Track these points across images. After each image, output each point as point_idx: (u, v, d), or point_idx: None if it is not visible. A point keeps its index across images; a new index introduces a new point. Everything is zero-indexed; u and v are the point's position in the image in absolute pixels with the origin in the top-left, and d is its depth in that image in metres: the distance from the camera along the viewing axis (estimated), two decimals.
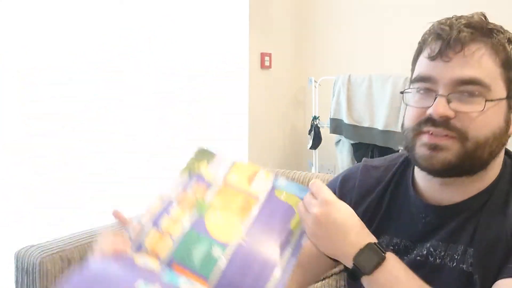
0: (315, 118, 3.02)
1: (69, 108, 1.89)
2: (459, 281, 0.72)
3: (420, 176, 0.80)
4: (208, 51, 2.59)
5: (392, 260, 0.67)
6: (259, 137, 2.99)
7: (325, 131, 3.03)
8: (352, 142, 2.87)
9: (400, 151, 2.50)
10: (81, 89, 1.93)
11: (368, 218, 0.82)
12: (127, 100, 2.14)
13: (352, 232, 0.67)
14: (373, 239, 0.68)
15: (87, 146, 1.97)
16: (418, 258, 0.76)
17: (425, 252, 0.76)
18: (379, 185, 0.85)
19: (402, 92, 0.78)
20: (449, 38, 0.70)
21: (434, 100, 0.69)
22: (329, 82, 2.98)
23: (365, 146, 2.79)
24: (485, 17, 0.74)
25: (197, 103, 2.55)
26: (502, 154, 0.76)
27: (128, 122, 2.15)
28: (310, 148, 3.04)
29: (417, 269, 0.70)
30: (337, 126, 2.90)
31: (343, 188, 0.89)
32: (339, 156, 3.00)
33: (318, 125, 3.00)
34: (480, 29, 0.71)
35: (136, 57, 2.16)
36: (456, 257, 0.73)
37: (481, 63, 0.69)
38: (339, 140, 2.98)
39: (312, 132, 3.01)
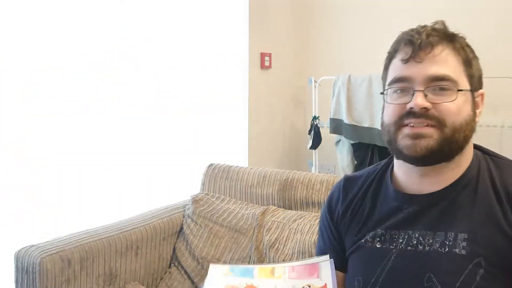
0: (315, 118, 3.02)
1: (69, 108, 1.89)
2: (454, 264, 0.78)
3: (400, 171, 0.89)
4: (208, 51, 2.59)
5: None
6: (259, 137, 2.98)
7: (325, 131, 3.03)
8: (352, 142, 2.87)
9: None
10: (80, 89, 1.93)
11: (352, 219, 0.93)
12: (127, 100, 2.14)
13: None
14: None
15: (87, 146, 1.97)
16: (409, 248, 0.83)
17: (415, 242, 0.83)
18: (361, 190, 0.95)
19: (382, 93, 0.88)
20: (419, 42, 0.81)
21: (412, 96, 0.80)
22: (329, 82, 2.98)
23: (365, 146, 2.79)
24: (445, 25, 0.86)
25: (197, 103, 2.55)
26: (471, 145, 0.86)
27: (127, 122, 2.15)
28: (310, 148, 3.04)
29: (412, 260, 0.81)
30: (337, 126, 2.90)
31: (330, 205, 1.00)
32: (339, 156, 3.00)
33: (318, 125, 3.00)
34: (444, 34, 0.83)
35: (136, 57, 2.16)
36: (447, 242, 0.80)
37: (448, 62, 0.81)
38: (339, 140, 2.98)
39: (312, 132, 3.00)
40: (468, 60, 0.84)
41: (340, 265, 0.94)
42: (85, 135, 1.96)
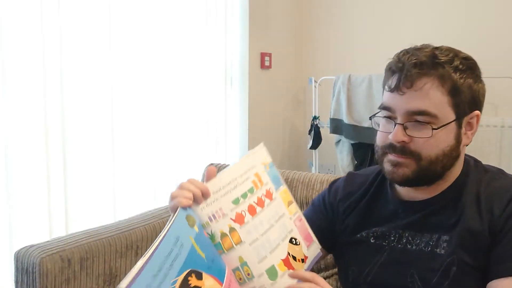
0: (315, 118, 3.02)
1: (66, 107, 1.89)
2: (434, 262, 0.86)
3: None
4: (208, 51, 2.60)
5: None
6: (259, 137, 2.98)
7: (325, 131, 3.03)
8: (352, 142, 2.87)
9: None
10: (79, 89, 1.93)
11: (350, 213, 1.00)
12: (127, 100, 2.14)
13: None
14: None
15: (87, 146, 1.96)
16: (400, 246, 0.91)
17: (404, 240, 0.91)
18: (361, 188, 1.01)
19: (371, 118, 0.93)
20: (400, 76, 0.84)
21: (394, 126, 0.85)
22: (329, 82, 2.98)
23: (365, 146, 2.79)
24: (433, 51, 0.85)
25: (197, 103, 2.55)
26: (461, 160, 0.91)
27: (127, 122, 2.15)
28: (310, 148, 3.04)
29: (400, 257, 0.90)
30: (337, 126, 2.90)
31: (330, 190, 1.07)
32: (339, 156, 3.00)
33: (318, 125, 3.00)
34: (427, 65, 0.83)
35: (135, 56, 2.16)
36: (431, 243, 0.88)
37: (429, 95, 0.83)
38: (339, 140, 2.98)
39: (312, 132, 3.01)
40: (456, 88, 0.84)
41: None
42: (84, 135, 1.96)
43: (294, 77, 3.35)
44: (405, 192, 0.94)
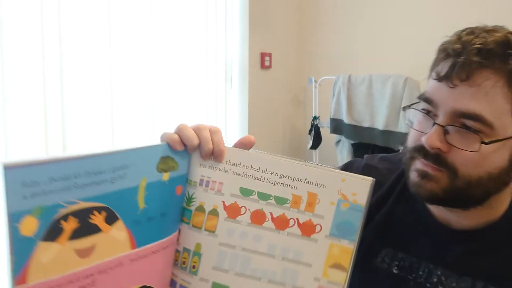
0: (315, 118, 3.02)
1: (66, 108, 1.89)
2: None
3: None
4: (208, 51, 2.59)
5: None
6: (259, 137, 2.98)
7: (325, 131, 3.03)
8: (352, 142, 2.87)
9: (400, 151, 2.50)
10: (79, 88, 1.93)
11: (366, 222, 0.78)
12: (126, 100, 2.14)
13: None
14: None
15: (87, 145, 1.96)
16: (428, 285, 0.70)
17: (435, 279, 0.70)
18: (380, 189, 0.78)
19: (404, 108, 0.72)
20: (455, 62, 0.61)
21: (432, 126, 0.63)
22: (329, 82, 2.98)
23: (365, 146, 2.79)
24: (508, 37, 0.62)
25: (197, 103, 2.55)
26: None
27: (126, 122, 2.15)
28: (310, 148, 3.04)
29: None
30: (337, 126, 2.90)
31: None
32: (339, 156, 3.00)
33: (318, 125, 3.00)
34: (495, 54, 0.60)
35: (135, 56, 2.16)
36: None
37: (488, 96, 0.60)
38: (339, 140, 2.97)
39: (312, 132, 3.00)
40: None
41: None
42: (86, 136, 1.96)
43: (294, 77, 3.34)
44: (439, 212, 0.71)
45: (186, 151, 0.61)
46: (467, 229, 0.69)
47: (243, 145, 0.63)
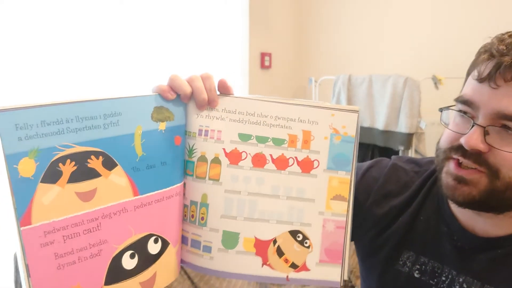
0: None
1: None
2: None
3: None
4: (208, 51, 2.59)
5: None
6: None
7: None
8: None
9: (400, 151, 2.51)
10: (77, 89, 1.93)
11: (387, 225, 0.76)
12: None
13: None
14: None
15: None
16: None
17: (457, 286, 0.68)
18: (406, 191, 0.77)
19: (441, 110, 0.68)
20: (501, 62, 0.59)
21: (471, 127, 0.61)
22: (329, 82, 2.98)
23: (365, 146, 2.79)
24: None
25: None
26: None
27: None
28: None
29: None
30: None
31: (367, 175, 0.81)
32: None
33: None
34: None
35: (134, 56, 2.16)
36: None
37: None
38: None
39: None
40: None
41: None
42: None
43: (294, 77, 3.35)
44: (465, 217, 0.69)
45: (181, 101, 0.61)
46: (493, 236, 0.67)
47: (225, 89, 0.62)
